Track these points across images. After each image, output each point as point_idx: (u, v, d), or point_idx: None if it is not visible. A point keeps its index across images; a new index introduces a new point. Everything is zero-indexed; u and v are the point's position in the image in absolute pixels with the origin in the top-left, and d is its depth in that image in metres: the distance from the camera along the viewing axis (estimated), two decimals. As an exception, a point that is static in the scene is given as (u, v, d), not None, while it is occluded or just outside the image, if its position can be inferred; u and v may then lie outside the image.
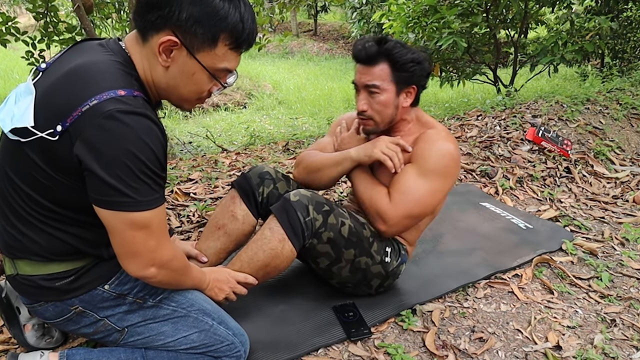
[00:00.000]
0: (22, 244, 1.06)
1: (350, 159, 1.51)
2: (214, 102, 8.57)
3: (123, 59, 1.03)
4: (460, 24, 4.66)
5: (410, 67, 1.44)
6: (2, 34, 3.38)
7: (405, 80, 1.46)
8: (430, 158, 1.43)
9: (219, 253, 1.52)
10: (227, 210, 1.54)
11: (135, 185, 0.96)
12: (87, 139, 0.93)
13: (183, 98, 1.09)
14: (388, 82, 1.44)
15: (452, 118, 3.77)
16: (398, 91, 1.46)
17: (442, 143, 1.45)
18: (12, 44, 3.56)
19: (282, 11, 5.00)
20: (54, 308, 1.11)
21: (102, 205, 0.97)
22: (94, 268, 1.12)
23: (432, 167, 1.43)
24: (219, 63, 1.04)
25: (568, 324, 1.58)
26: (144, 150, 0.95)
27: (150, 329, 1.17)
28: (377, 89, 1.44)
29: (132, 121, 0.94)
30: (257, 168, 1.59)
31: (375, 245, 1.49)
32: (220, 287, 1.31)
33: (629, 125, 3.58)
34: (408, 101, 1.49)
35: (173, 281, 1.13)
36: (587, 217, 2.38)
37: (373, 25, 11.83)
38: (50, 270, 1.08)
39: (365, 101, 1.47)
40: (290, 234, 1.35)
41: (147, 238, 1.00)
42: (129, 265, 1.03)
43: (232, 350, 1.22)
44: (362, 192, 1.50)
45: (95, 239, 1.09)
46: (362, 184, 1.51)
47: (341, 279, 1.52)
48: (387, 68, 1.44)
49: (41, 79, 1.03)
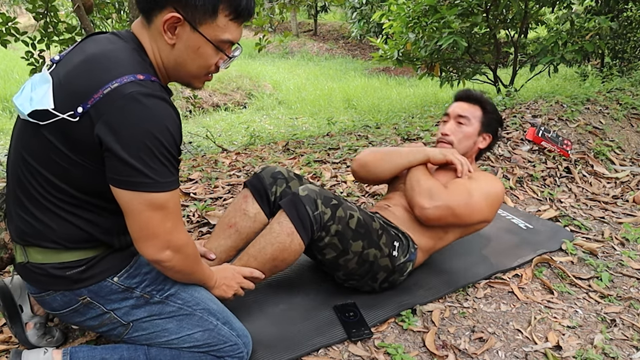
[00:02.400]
0: (36, 229, 1.07)
1: (424, 153, 1.67)
2: (214, 102, 8.58)
3: (136, 45, 1.06)
4: (460, 24, 4.67)
5: (495, 118, 1.78)
6: (2, 35, 3.38)
7: (488, 127, 1.77)
8: (485, 183, 1.66)
9: (229, 251, 1.54)
10: (239, 209, 1.56)
11: (155, 167, 0.98)
12: (109, 120, 0.95)
13: (192, 74, 1.12)
14: (476, 120, 1.75)
15: (452, 118, 3.77)
16: (480, 132, 1.76)
17: (494, 179, 1.70)
18: (12, 44, 3.56)
19: (282, 11, 5.01)
20: (62, 298, 1.11)
21: (121, 186, 0.99)
22: (105, 259, 1.12)
23: (485, 190, 1.63)
24: (221, 34, 1.07)
25: (568, 324, 1.58)
26: (164, 132, 0.98)
27: (155, 325, 1.18)
28: (467, 120, 1.74)
29: (153, 104, 0.97)
30: (270, 168, 1.63)
31: (384, 237, 1.51)
32: (229, 283, 1.32)
33: (629, 125, 3.59)
34: (484, 144, 1.78)
35: (186, 268, 1.14)
36: (587, 217, 2.38)
37: (373, 25, 11.85)
38: (61, 258, 1.08)
39: (452, 128, 1.75)
40: (299, 228, 1.37)
41: (164, 219, 1.03)
42: (146, 248, 1.04)
43: (235, 351, 1.23)
44: (419, 178, 1.61)
45: (109, 226, 1.10)
46: (424, 176, 1.63)
47: (348, 271, 1.52)
48: (479, 111, 1.76)
49: (56, 68, 1.05)
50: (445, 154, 1.66)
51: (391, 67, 11.11)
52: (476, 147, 1.77)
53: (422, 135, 3.32)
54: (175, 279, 1.18)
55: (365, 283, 1.57)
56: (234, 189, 2.51)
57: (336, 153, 3.12)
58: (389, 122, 4.73)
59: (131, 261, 1.16)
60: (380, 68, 11.61)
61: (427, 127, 3.53)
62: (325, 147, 3.29)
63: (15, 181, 1.09)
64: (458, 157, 1.67)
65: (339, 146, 3.30)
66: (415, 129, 3.54)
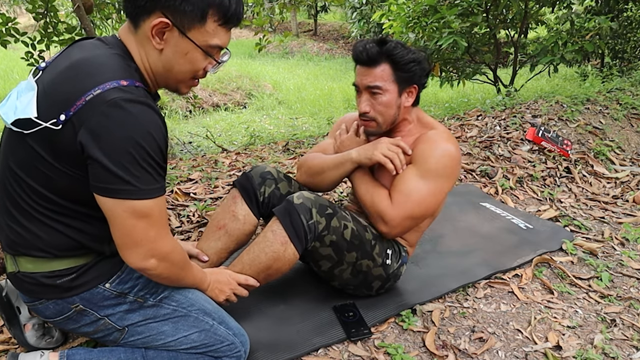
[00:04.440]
0: (25, 239, 1.06)
1: (351, 161, 1.51)
2: (214, 102, 8.57)
3: (122, 50, 1.06)
4: (460, 23, 4.66)
5: (412, 67, 1.45)
6: (2, 35, 3.37)
7: (407, 80, 1.47)
8: (431, 159, 1.44)
9: (220, 253, 1.52)
10: (228, 210, 1.54)
11: (138, 174, 0.97)
12: (91, 126, 0.94)
13: (179, 79, 1.11)
14: (390, 83, 1.45)
15: (452, 118, 3.77)
16: (400, 91, 1.47)
17: (442, 144, 1.45)
18: (12, 45, 3.56)
19: (282, 11, 5.00)
20: (55, 306, 1.11)
21: (104, 194, 0.98)
22: (96, 266, 1.12)
23: (433, 168, 1.43)
24: (210, 40, 1.06)
25: (568, 324, 1.58)
26: (148, 139, 0.97)
27: (151, 328, 1.17)
28: (379, 89, 1.44)
29: (136, 110, 0.96)
30: (259, 168, 1.59)
31: (377, 247, 1.49)
32: (221, 288, 1.31)
33: (629, 125, 3.58)
34: (410, 101, 1.50)
35: (173, 275, 1.13)
36: (587, 217, 2.38)
37: (373, 25, 11.84)
38: (52, 267, 1.08)
39: (367, 102, 1.48)
40: (293, 237, 1.34)
41: (147, 228, 1.01)
42: (130, 256, 1.03)
43: (232, 351, 1.22)
44: (363, 194, 1.50)
45: (98, 234, 1.09)
46: (363, 185, 1.51)
47: (342, 281, 1.52)
48: (388, 69, 1.44)
49: (42, 75, 1.05)
50: (370, 156, 1.46)
51: (391, 67, 11.08)
52: (403, 107, 1.50)
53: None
54: (164, 284, 1.17)
55: (361, 291, 1.57)
56: (233, 189, 2.51)
57: (336, 153, 3.11)
58: (389, 122, 4.72)
59: (122, 266, 1.15)
60: (381, 68, 11.59)
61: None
62: (325, 147, 3.29)
63: (3, 191, 1.08)
64: (385, 152, 1.44)
65: (338, 146, 3.29)
66: (415, 129, 3.54)
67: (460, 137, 3.24)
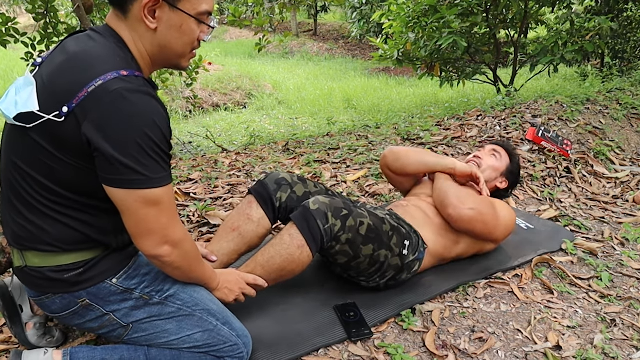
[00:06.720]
0: (31, 233, 1.07)
1: (452, 161, 1.80)
2: (214, 102, 8.58)
3: (116, 39, 1.06)
4: (460, 23, 4.66)
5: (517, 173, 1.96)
6: (2, 35, 3.37)
7: (509, 175, 1.94)
8: (503, 207, 1.79)
9: (231, 254, 1.54)
10: (243, 214, 1.57)
11: (147, 163, 0.98)
12: (96, 118, 0.95)
13: (178, 54, 1.12)
14: (504, 163, 1.93)
15: (452, 118, 3.77)
16: (503, 173, 1.92)
17: (510, 208, 1.82)
18: (12, 45, 3.56)
19: (282, 11, 5.00)
20: (61, 300, 1.11)
21: (114, 185, 0.99)
22: (103, 261, 1.12)
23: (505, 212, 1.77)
24: (199, 6, 1.08)
25: (568, 324, 1.58)
26: (153, 128, 0.98)
27: (155, 326, 1.18)
28: (499, 156, 1.93)
29: (139, 100, 0.97)
30: (273, 174, 1.64)
31: (395, 238, 1.53)
32: (231, 288, 1.32)
33: (629, 125, 3.59)
34: (501, 185, 1.94)
35: (185, 265, 1.14)
36: (587, 217, 2.38)
37: (373, 25, 11.85)
38: (59, 261, 1.08)
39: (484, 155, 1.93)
40: (310, 241, 1.39)
41: (159, 215, 1.03)
42: (144, 244, 1.05)
43: (235, 351, 1.23)
44: (450, 184, 1.74)
45: (104, 226, 1.10)
46: (453, 182, 1.76)
47: (359, 271, 1.55)
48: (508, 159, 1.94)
49: (39, 70, 1.05)
50: (470, 168, 1.77)
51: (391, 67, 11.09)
52: (495, 182, 1.90)
53: (422, 135, 3.32)
54: (175, 276, 1.17)
55: (373, 280, 1.59)
56: (234, 189, 2.52)
57: (336, 153, 3.12)
58: (389, 122, 4.73)
59: (130, 262, 1.16)
60: (380, 68, 11.60)
61: (427, 127, 3.53)
62: (325, 147, 3.29)
63: (8, 186, 1.09)
64: (481, 174, 1.79)
65: (339, 146, 3.30)
66: (415, 129, 3.54)
67: (460, 137, 3.24)
